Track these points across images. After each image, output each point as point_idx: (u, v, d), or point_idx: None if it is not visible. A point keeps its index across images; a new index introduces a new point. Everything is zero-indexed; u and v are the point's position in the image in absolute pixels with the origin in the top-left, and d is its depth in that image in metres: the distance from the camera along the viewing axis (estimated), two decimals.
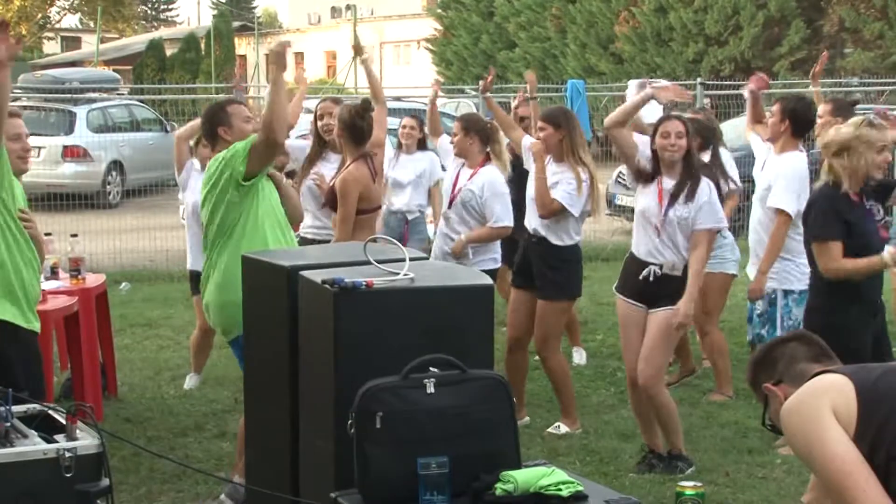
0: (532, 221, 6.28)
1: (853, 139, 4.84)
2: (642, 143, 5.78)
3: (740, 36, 26.23)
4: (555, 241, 6.19)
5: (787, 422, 2.63)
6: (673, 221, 5.50)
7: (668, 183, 5.57)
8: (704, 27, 26.69)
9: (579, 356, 7.92)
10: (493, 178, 6.51)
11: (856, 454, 2.49)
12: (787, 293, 6.19)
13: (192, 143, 7.09)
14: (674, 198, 5.52)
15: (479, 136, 6.55)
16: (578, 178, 6.11)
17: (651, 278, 5.53)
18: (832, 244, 4.89)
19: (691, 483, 2.93)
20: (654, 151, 5.59)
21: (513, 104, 8.31)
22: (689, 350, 7.43)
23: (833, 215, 4.91)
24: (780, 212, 6.13)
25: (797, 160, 6.24)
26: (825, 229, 4.92)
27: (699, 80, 15.58)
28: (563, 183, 6.12)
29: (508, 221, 6.52)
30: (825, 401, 2.56)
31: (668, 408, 5.62)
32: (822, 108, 7.09)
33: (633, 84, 9.43)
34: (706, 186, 5.58)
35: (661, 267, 5.52)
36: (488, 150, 6.60)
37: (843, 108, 7.09)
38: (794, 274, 6.15)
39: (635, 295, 5.59)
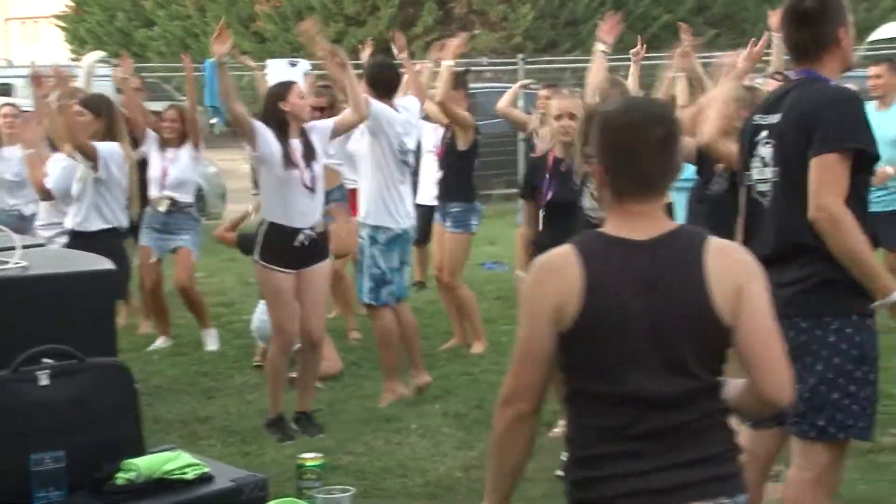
0: None
1: None
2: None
3: (378, 16, 26.86)
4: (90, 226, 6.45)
5: None
6: None
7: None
8: (344, 7, 27.11)
9: (211, 340, 7.84)
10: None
11: None
12: None
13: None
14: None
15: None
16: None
17: (306, 242, 5.70)
18: None
19: (311, 454, 3.00)
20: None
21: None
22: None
23: None
24: None
25: None
26: None
27: None
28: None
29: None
30: None
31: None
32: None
33: (272, 63, 9.39)
34: None
35: (312, 229, 5.70)
36: None
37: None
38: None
39: (287, 264, 5.71)
